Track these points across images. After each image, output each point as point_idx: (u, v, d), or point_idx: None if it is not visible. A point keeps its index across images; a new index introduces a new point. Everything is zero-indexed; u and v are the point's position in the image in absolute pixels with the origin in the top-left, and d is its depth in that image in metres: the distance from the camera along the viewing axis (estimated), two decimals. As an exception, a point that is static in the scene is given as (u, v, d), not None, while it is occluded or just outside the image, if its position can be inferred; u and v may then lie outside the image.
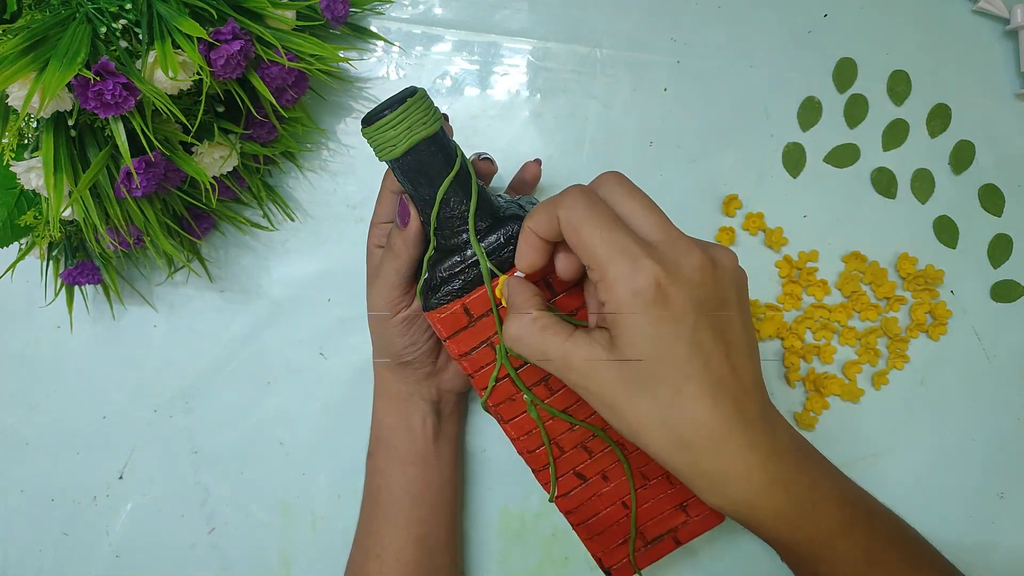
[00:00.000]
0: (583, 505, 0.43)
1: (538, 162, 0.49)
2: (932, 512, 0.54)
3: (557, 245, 0.36)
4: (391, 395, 0.48)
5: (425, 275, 0.40)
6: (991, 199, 0.55)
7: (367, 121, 0.38)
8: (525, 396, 0.41)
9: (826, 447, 0.54)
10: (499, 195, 0.42)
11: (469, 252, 0.38)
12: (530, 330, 0.34)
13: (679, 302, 0.31)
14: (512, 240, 0.38)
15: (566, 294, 0.40)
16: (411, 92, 0.37)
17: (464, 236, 0.39)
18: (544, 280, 0.39)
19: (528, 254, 0.35)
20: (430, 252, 0.40)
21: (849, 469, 0.54)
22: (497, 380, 0.40)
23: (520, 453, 0.43)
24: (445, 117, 0.41)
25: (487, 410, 0.42)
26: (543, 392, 0.41)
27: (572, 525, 0.44)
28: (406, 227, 0.41)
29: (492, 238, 0.38)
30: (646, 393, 0.32)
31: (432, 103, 0.38)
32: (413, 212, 0.40)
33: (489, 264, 0.38)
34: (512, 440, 0.43)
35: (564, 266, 0.36)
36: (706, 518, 0.44)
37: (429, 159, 0.38)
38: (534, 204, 0.41)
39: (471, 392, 0.52)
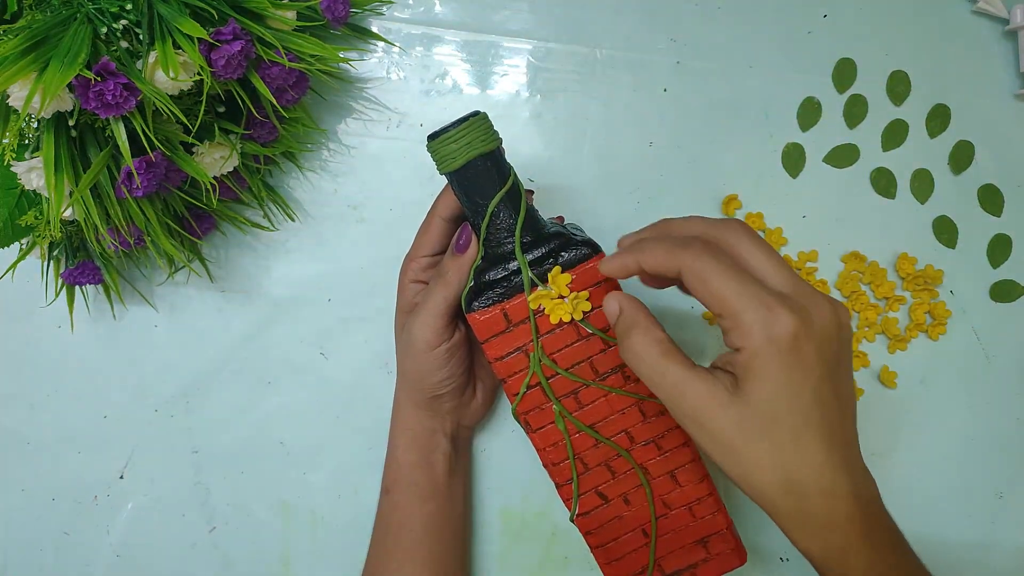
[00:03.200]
0: (603, 527, 0.43)
1: (561, 219, 0.49)
2: (932, 512, 0.54)
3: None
4: (414, 432, 0.48)
5: (471, 283, 0.42)
6: (990, 199, 0.55)
7: (432, 136, 0.40)
8: (554, 407, 0.41)
9: (826, 447, 0.54)
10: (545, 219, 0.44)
11: (513, 263, 0.41)
12: (653, 351, 0.35)
13: (810, 353, 0.32)
14: (553, 254, 0.41)
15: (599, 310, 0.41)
16: (474, 114, 0.40)
17: (509, 247, 0.41)
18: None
19: (618, 271, 0.37)
20: (477, 261, 0.42)
21: (849, 469, 0.54)
22: (528, 387, 0.42)
23: (545, 465, 0.43)
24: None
25: (516, 418, 0.42)
26: (572, 405, 0.42)
27: (591, 547, 0.44)
28: (463, 254, 0.42)
29: (535, 251, 0.41)
30: (765, 436, 0.33)
31: (491, 125, 0.41)
32: (474, 240, 0.42)
33: (531, 274, 0.40)
34: (538, 450, 0.43)
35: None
36: (726, 557, 0.43)
37: (484, 174, 0.40)
38: (580, 229, 0.43)
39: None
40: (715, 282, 0.33)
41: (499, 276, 0.41)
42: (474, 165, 0.40)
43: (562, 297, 0.40)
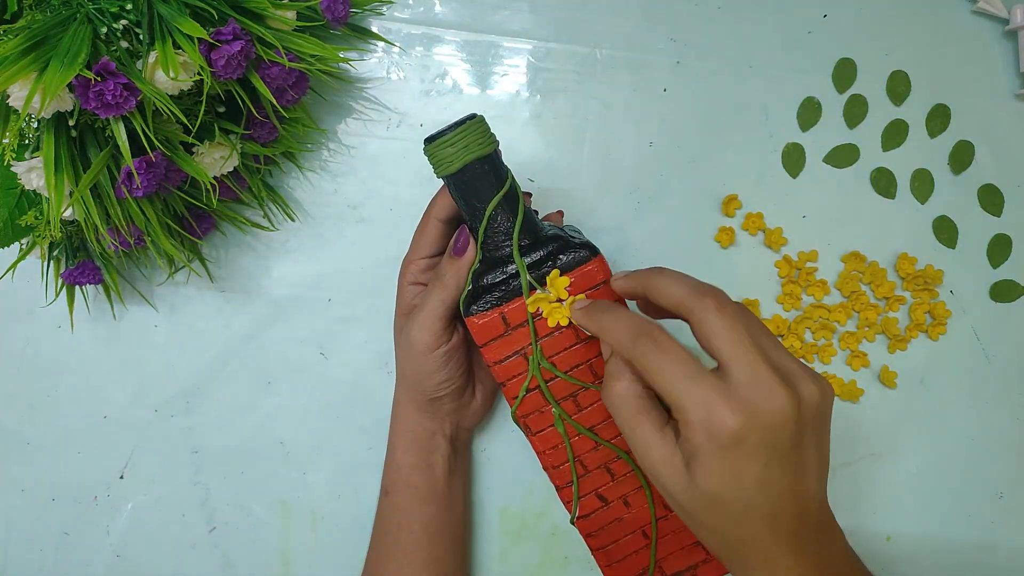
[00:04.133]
0: (603, 529, 0.43)
1: (560, 213, 0.49)
2: (932, 512, 0.54)
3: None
4: (414, 433, 0.48)
5: (469, 286, 0.42)
6: (990, 199, 0.55)
7: (429, 140, 0.40)
8: (554, 410, 0.41)
9: (826, 447, 0.54)
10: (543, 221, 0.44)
11: (511, 266, 0.41)
12: (631, 406, 0.36)
13: (752, 445, 0.33)
14: (551, 257, 0.40)
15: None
16: (471, 117, 0.40)
17: (507, 250, 0.41)
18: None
19: (591, 326, 0.39)
20: (475, 265, 0.42)
21: (849, 469, 0.54)
22: (527, 390, 0.42)
23: (545, 468, 0.43)
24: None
25: (516, 421, 0.42)
26: (571, 407, 0.42)
27: (591, 549, 0.44)
28: (461, 257, 0.42)
29: (533, 254, 0.41)
30: (709, 511, 0.34)
31: (488, 128, 0.40)
32: (472, 243, 0.42)
33: (529, 277, 0.40)
34: (538, 453, 0.43)
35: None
36: None
37: (482, 177, 0.40)
38: (578, 231, 0.43)
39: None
40: (664, 375, 0.34)
41: (497, 280, 0.41)
42: (471, 168, 0.40)
43: (560, 300, 0.40)
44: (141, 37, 0.39)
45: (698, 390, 0.33)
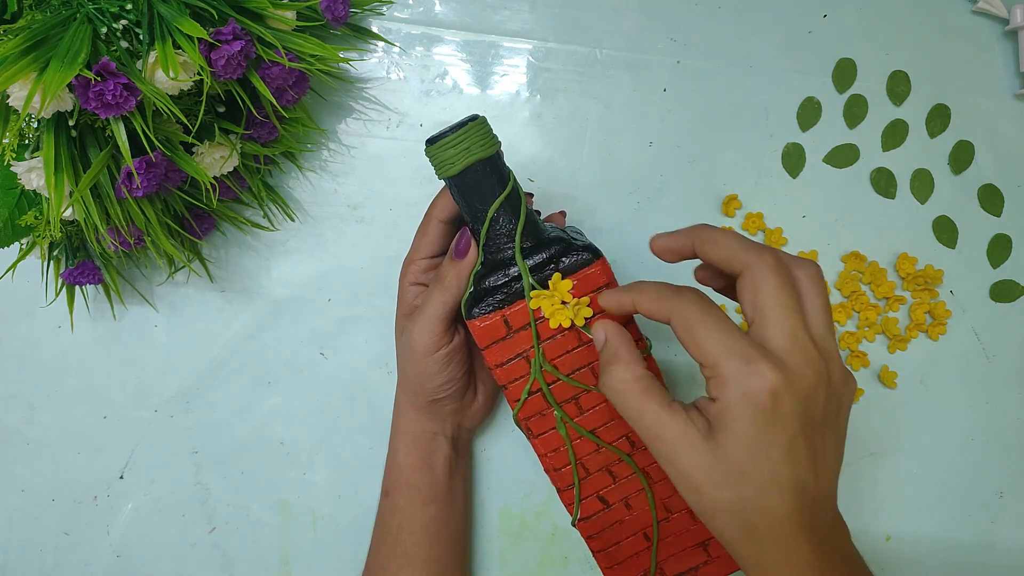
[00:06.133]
0: (604, 531, 0.43)
1: (563, 213, 0.49)
2: (932, 512, 0.54)
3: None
4: (415, 434, 0.48)
5: (471, 289, 0.41)
6: (990, 199, 0.55)
7: (430, 141, 0.40)
8: (555, 412, 0.41)
9: (826, 447, 0.54)
10: (546, 223, 0.44)
11: (513, 268, 0.40)
12: (632, 388, 0.35)
13: (786, 411, 0.32)
14: (554, 260, 0.40)
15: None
16: (472, 118, 0.40)
17: (509, 252, 0.41)
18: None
19: (614, 307, 0.38)
20: (476, 267, 0.42)
21: (849, 469, 0.54)
22: (530, 393, 0.41)
23: (547, 470, 0.43)
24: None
25: (518, 423, 0.42)
26: (573, 410, 0.42)
27: (593, 551, 0.44)
28: (462, 259, 0.42)
29: (536, 257, 0.40)
30: (731, 485, 0.33)
31: (490, 129, 0.40)
32: (474, 245, 0.42)
33: (531, 280, 0.40)
34: (540, 456, 0.43)
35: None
36: (727, 560, 0.43)
37: (484, 179, 0.40)
38: (580, 232, 0.43)
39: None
40: (700, 332, 0.33)
41: (499, 282, 0.41)
42: (473, 170, 0.40)
43: (564, 303, 0.40)
44: (141, 37, 0.39)
45: (737, 344, 0.32)
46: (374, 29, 0.54)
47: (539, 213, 0.47)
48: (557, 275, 0.40)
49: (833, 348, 0.34)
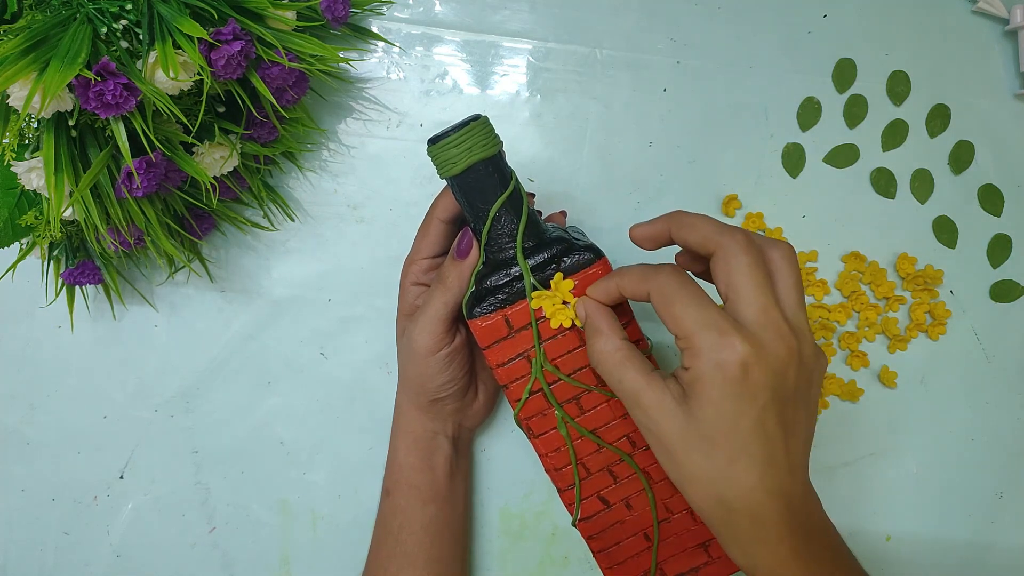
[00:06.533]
0: (605, 532, 0.43)
1: (564, 213, 0.49)
2: (932, 512, 0.54)
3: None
4: (415, 434, 0.48)
5: (472, 288, 0.41)
6: (990, 199, 0.55)
7: (432, 141, 0.40)
8: (556, 412, 0.41)
9: (826, 447, 0.54)
10: (547, 223, 0.44)
11: (515, 268, 0.40)
12: (613, 358, 0.37)
13: (757, 383, 0.33)
14: (555, 260, 0.40)
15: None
16: (475, 118, 0.40)
17: (511, 252, 0.41)
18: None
19: (603, 296, 0.39)
20: (478, 266, 0.42)
21: (849, 469, 0.54)
22: (530, 393, 0.42)
23: (547, 470, 0.43)
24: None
25: (518, 423, 0.42)
26: (574, 410, 0.42)
27: (593, 551, 0.44)
28: (464, 260, 0.42)
29: (537, 257, 0.40)
30: (702, 452, 0.34)
31: (492, 129, 0.40)
32: (475, 245, 0.42)
33: (533, 280, 0.40)
34: (541, 456, 0.43)
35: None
36: (727, 561, 0.43)
37: (486, 179, 0.40)
38: (581, 232, 0.43)
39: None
40: (676, 305, 0.34)
41: (501, 282, 0.41)
42: (475, 170, 0.40)
43: (565, 303, 0.40)
44: (141, 37, 0.39)
45: (710, 317, 0.33)
46: (374, 29, 0.54)
47: (540, 213, 0.47)
48: (559, 275, 0.40)
49: (804, 325, 0.35)
